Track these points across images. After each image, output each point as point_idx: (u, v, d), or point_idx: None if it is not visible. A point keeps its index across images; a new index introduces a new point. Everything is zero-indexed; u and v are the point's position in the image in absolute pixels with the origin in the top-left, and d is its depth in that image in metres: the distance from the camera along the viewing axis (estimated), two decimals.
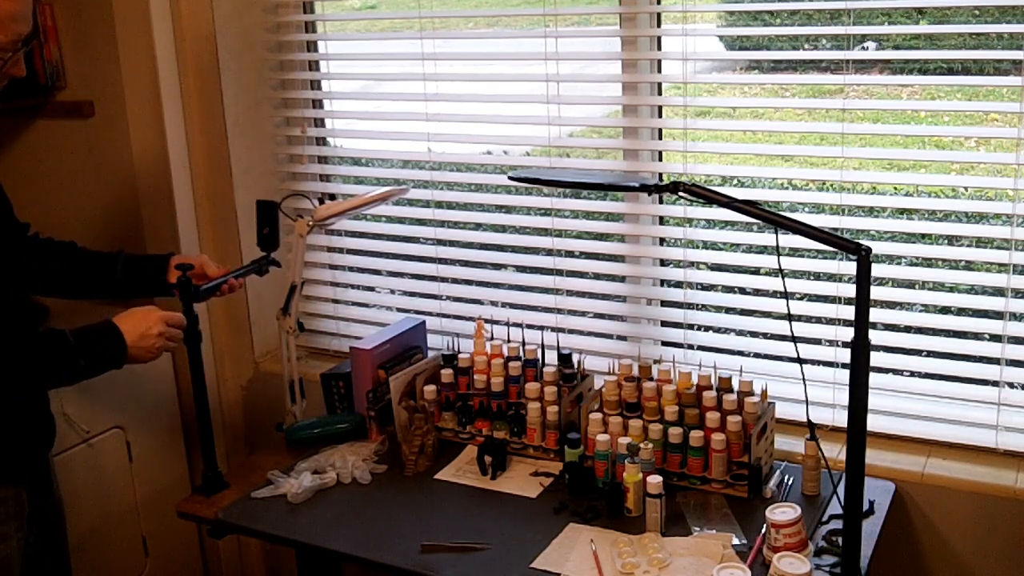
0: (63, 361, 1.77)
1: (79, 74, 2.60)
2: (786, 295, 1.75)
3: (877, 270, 2.06)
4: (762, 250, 2.20)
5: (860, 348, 1.52)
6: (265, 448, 2.34)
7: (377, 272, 2.73)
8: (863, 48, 2.21)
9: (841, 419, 2.08)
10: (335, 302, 2.77)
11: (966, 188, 2.24)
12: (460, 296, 2.57)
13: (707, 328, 2.29)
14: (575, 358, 2.15)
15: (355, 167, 2.76)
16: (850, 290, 2.06)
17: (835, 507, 1.88)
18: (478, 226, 2.61)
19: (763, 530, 1.77)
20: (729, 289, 2.26)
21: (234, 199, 2.64)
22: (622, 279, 2.39)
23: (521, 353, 2.20)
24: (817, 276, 2.14)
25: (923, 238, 2.14)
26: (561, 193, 2.35)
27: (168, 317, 1.90)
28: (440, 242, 2.56)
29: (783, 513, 1.71)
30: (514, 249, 2.50)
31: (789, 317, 1.76)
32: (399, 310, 2.71)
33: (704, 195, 1.68)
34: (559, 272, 2.41)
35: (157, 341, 1.86)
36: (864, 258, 1.50)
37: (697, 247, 2.27)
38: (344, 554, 1.85)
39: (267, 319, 2.72)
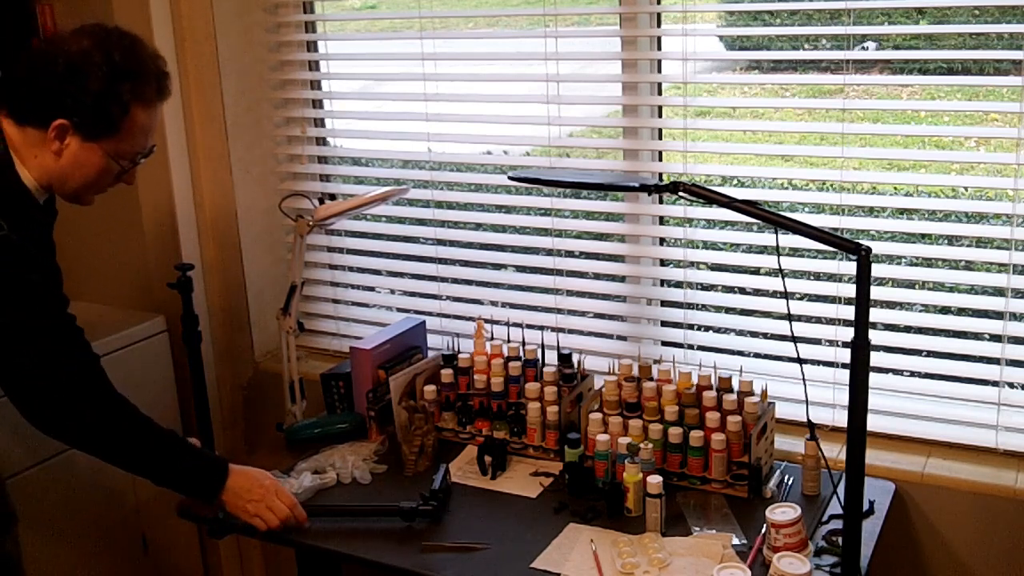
0: (167, 458, 1.85)
1: None
2: (786, 295, 1.75)
3: (877, 270, 2.06)
4: (762, 250, 2.20)
5: (860, 348, 1.52)
6: (265, 448, 2.34)
7: (377, 272, 2.73)
8: (863, 48, 2.21)
9: (841, 419, 2.08)
10: (335, 302, 2.77)
11: (966, 188, 2.24)
12: (460, 296, 2.57)
13: (707, 328, 2.29)
14: (575, 358, 2.15)
15: (355, 167, 2.76)
16: (850, 290, 2.06)
17: (835, 507, 1.88)
18: (478, 226, 2.61)
19: (763, 530, 1.77)
20: (729, 289, 2.26)
21: (234, 199, 2.64)
22: (622, 279, 2.39)
23: (521, 353, 2.19)
24: (817, 276, 2.14)
25: (923, 238, 2.14)
26: (561, 193, 2.35)
27: (281, 490, 1.90)
28: (440, 242, 2.56)
29: (783, 513, 1.71)
30: (514, 249, 2.50)
31: (789, 317, 1.76)
32: (399, 310, 2.71)
33: (704, 195, 1.68)
34: (559, 272, 2.41)
35: (256, 506, 1.86)
36: (864, 258, 1.50)
37: (697, 247, 2.27)
38: (344, 554, 1.85)
39: (267, 319, 2.72)
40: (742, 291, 2.26)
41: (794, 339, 1.83)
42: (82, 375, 1.78)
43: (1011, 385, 2.01)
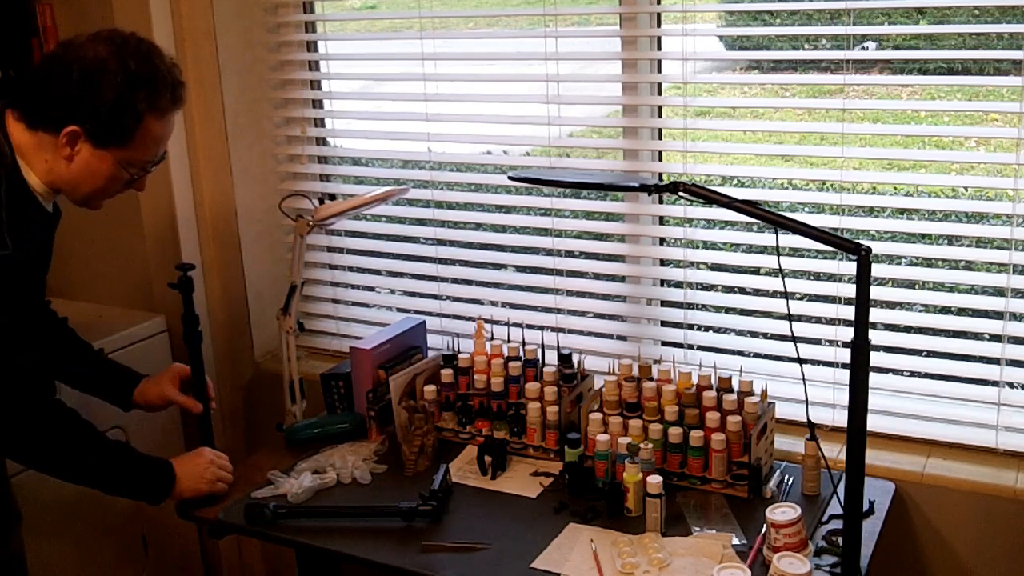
0: (115, 470, 1.89)
1: None
2: (786, 295, 1.75)
3: (877, 270, 2.06)
4: (762, 250, 2.20)
5: (860, 348, 1.52)
6: (265, 448, 2.34)
7: (377, 272, 2.73)
8: (863, 48, 2.21)
9: (841, 419, 2.08)
10: (335, 302, 2.77)
11: (966, 188, 2.24)
12: (460, 296, 2.57)
13: (707, 328, 2.29)
14: (575, 358, 2.15)
15: (355, 167, 2.76)
16: (850, 290, 2.06)
17: (835, 507, 1.88)
18: (478, 226, 2.61)
19: (763, 530, 1.77)
20: (729, 289, 2.26)
21: (234, 199, 2.64)
22: (622, 279, 2.39)
23: (521, 353, 2.19)
24: (817, 276, 2.14)
25: (923, 238, 2.14)
26: (561, 193, 2.35)
27: (216, 453, 2.07)
28: (440, 242, 2.56)
29: (783, 513, 1.71)
30: (514, 249, 2.50)
31: (789, 317, 1.76)
32: (399, 310, 2.71)
33: (704, 195, 1.68)
34: (559, 272, 2.41)
35: (212, 472, 2.01)
36: (864, 258, 1.50)
37: (697, 247, 2.27)
38: (344, 554, 1.85)
39: (267, 319, 2.72)
40: (742, 291, 2.26)
41: (794, 339, 1.84)
42: (30, 386, 1.78)
43: (1011, 385, 2.01)
